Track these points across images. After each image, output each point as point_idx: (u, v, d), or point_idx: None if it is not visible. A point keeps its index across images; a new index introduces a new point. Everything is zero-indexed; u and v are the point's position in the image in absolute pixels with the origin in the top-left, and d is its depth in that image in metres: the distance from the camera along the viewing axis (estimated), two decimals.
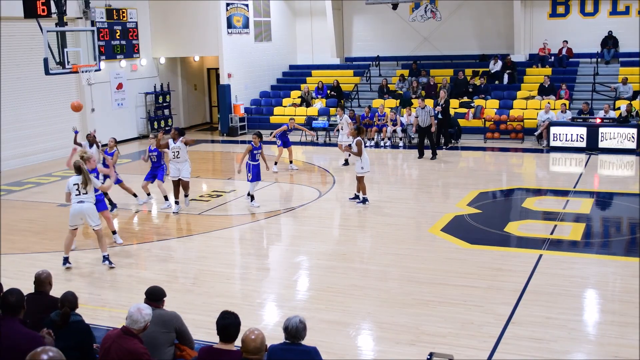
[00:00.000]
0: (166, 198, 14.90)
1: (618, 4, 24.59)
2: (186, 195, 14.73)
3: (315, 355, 5.60)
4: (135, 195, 15.17)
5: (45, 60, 15.00)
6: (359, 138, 14.42)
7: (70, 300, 6.30)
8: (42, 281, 6.82)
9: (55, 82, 20.57)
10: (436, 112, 21.23)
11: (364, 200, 14.70)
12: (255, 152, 14.56)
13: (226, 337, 5.48)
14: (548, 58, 24.88)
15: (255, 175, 14.64)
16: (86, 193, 10.74)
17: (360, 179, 14.65)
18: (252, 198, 14.67)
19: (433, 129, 19.78)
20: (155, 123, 25.38)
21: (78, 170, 10.72)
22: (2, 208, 15.04)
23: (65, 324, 6.08)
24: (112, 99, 23.91)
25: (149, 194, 15.33)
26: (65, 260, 11.14)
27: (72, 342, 5.94)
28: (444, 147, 21.36)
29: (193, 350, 6.37)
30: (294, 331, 5.57)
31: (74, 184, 10.72)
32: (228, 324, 5.48)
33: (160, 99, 25.87)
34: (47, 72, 15.23)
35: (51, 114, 21.13)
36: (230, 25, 25.41)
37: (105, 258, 11.20)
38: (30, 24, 16.42)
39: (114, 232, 12.42)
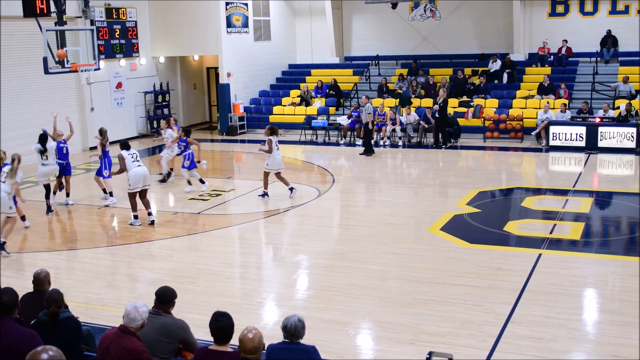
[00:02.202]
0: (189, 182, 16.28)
1: (617, 3, 24.58)
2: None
3: (314, 354, 5.59)
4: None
5: (45, 60, 15.00)
6: (270, 137, 15.15)
7: (55, 298, 6.12)
8: (41, 280, 6.81)
9: (54, 81, 20.55)
10: (434, 110, 21.29)
11: (264, 194, 15.39)
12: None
13: (220, 340, 5.43)
14: (547, 57, 24.88)
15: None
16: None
17: (265, 175, 15.40)
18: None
19: (370, 125, 20.34)
20: (155, 122, 25.37)
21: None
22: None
23: (55, 324, 5.96)
24: (112, 98, 23.90)
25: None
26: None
27: (64, 340, 5.76)
28: (443, 146, 21.37)
29: None
30: (293, 330, 5.56)
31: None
32: (221, 326, 5.41)
33: (160, 98, 25.86)
34: (46, 71, 15.23)
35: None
36: (229, 24, 25.40)
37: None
38: (30, 23, 16.42)
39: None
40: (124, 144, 13.81)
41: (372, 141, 21.81)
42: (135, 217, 13.55)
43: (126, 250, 12.29)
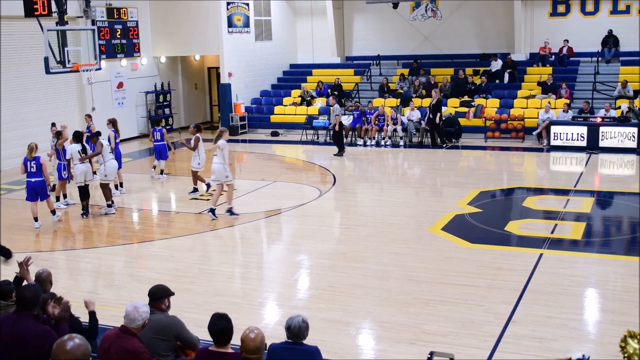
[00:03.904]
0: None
1: (619, 3, 24.56)
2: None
3: (316, 355, 5.59)
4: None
5: (46, 59, 15.00)
6: (197, 135, 15.45)
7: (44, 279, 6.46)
8: (43, 280, 6.81)
9: (55, 81, 20.56)
10: (425, 113, 21.33)
11: (195, 190, 15.82)
12: None
13: (220, 342, 5.42)
14: (549, 57, 24.86)
15: None
16: None
17: (194, 174, 15.72)
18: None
19: (336, 127, 20.44)
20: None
21: None
22: (3, 207, 15.04)
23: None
24: (113, 98, 23.91)
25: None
26: None
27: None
28: (444, 145, 21.37)
29: None
30: (297, 330, 5.56)
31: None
32: (219, 329, 5.40)
33: (161, 98, 25.86)
34: (47, 71, 15.25)
35: (51, 113, 21.09)
36: (230, 24, 25.40)
37: None
38: (31, 23, 16.43)
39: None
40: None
41: (373, 141, 21.84)
42: (110, 205, 14.44)
43: (127, 250, 12.31)
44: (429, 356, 6.24)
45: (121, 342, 5.45)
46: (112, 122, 16.43)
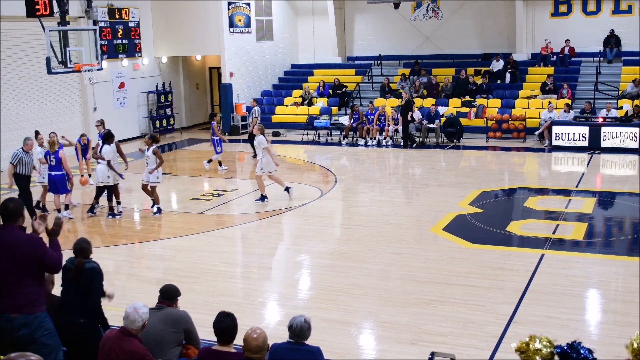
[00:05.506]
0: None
1: (620, 3, 24.54)
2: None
3: (318, 355, 5.60)
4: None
5: (48, 60, 15.00)
6: (155, 147, 14.21)
7: (83, 248, 6.54)
8: (45, 280, 6.80)
9: (57, 81, 20.57)
10: (396, 114, 21.80)
11: (159, 210, 14.38)
12: None
13: (223, 340, 5.45)
14: (550, 57, 24.84)
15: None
16: None
17: (153, 189, 14.39)
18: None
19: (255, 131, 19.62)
20: (157, 122, 25.40)
21: None
22: None
23: (81, 274, 6.36)
24: (114, 98, 23.93)
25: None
26: None
27: (87, 288, 6.39)
28: (411, 146, 21.40)
29: (198, 350, 6.34)
30: (298, 330, 5.57)
31: None
32: (224, 327, 5.44)
33: (162, 98, 25.88)
34: (49, 71, 15.25)
35: (53, 113, 21.14)
36: (232, 24, 25.41)
37: None
38: (33, 23, 16.43)
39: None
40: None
41: (374, 142, 21.80)
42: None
43: (129, 250, 12.32)
44: (430, 356, 6.24)
45: (121, 344, 5.47)
46: (102, 123, 16.82)
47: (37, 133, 15.58)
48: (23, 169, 13.59)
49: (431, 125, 21.90)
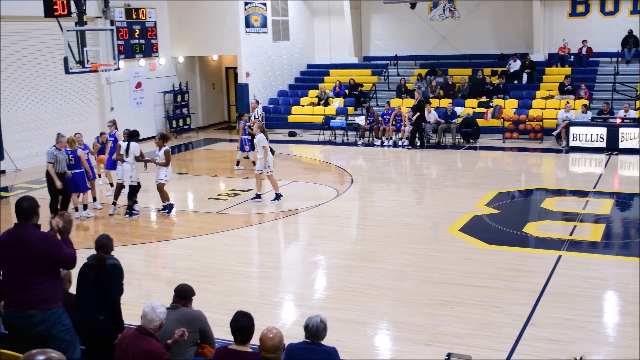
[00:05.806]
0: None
1: (639, 3, 24.33)
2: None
3: (334, 355, 5.60)
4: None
5: (65, 59, 15.13)
6: (167, 147, 14.34)
7: (104, 244, 6.65)
8: (62, 279, 6.85)
9: (74, 81, 20.72)
10: (410, 114, 21.51)
11: (170, 208, 14.46)
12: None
13: (240, 339, 5.47)
14: (568, 57, 24.68)
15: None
16: None
17: (161, 187, 14.36)
18: None
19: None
20: (174, 122, 25.51)
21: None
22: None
23: (102, 269, 6.46)
24: (131, 98, 24.06)
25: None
26: None
27: (107, 284, 6.50)
28: (419, 147, 21.38)
29: (214, 349, 6.37)
30: (314, 330, 5.57)
31: None
32: (241, 326, 5.45)
33: (179, 98, 25.98)
34: (67, 71, 15.38)
35: (70, 113, 21.29)
36: (248, 24, 25.47)
37: None
38: (51, 23, 16.56)
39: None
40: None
41: (390, 142, 21.74)
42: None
43: (145, 249, 12.38)
44: (447, 357, 6.22)
45: (139, 343, 5.49)
46: (114, 124, 16.88)
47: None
48: (57, 166, 13.65)
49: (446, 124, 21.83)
